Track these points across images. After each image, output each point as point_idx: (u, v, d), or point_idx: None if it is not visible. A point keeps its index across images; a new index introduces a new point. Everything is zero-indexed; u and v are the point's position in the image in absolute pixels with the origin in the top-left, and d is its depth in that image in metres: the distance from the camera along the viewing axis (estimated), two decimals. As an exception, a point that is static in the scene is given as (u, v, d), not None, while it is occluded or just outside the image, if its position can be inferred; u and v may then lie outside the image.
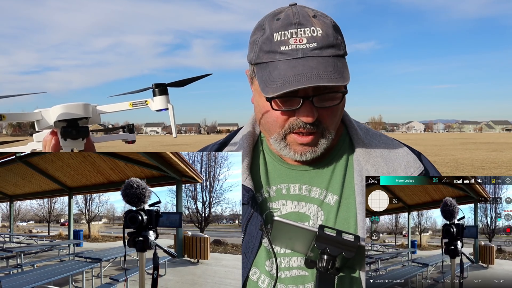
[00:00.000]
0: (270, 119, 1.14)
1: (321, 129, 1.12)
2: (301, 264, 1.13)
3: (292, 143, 1.14)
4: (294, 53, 1.05)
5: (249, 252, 1.13)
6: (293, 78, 1.02)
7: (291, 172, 1.22)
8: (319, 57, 1.05)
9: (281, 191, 1.21)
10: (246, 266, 1.12)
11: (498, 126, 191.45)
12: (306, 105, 1.07)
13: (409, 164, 1.19)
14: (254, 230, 1.13)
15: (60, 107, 1.10)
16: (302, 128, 1.10)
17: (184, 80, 1.15)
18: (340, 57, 1.09)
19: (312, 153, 1.14)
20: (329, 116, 1.12)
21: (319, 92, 1.07)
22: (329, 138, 1.14)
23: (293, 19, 1.08)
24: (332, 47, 1.07)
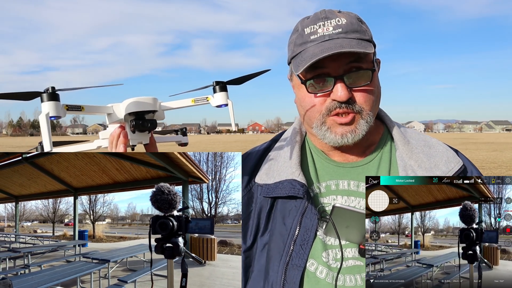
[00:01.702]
0: (309, 106, 1.20)
1: (357, 108, 1.16)
2: (355, 254, 1.17)
3: (332, 125, 1.18)
4: (321, 38, 1.15)
5: (305, 244, 1.17)
6: (320, 52, 1.11)
7: (338, 169, 1.27)
8: (345, 38, 1.14)
9: (330, 187, 1.25)
10: (303, 257, 1.16)
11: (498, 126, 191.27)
12: (338, 85, 1.14)
13: (449, 159, 1.23)
14: (309, 223, 1.17)
15: (131, 100, 1.15)
16: (339, 108, 1.16)
17: (241, 78, 1.22)
18: (366, 41, 1.17)
19: (352, 134, 1.18)
20: (363, 96, 1.17)
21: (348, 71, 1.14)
22: (367, 120, 1.18)
23: (320, 15, 1.19)
24: (356, 32, 1.16)
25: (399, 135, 1.30)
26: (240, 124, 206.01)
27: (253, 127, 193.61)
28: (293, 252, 1.17)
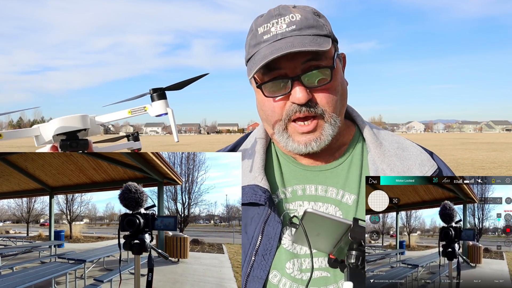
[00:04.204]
0: (268, 110, 1.12)
1: (319, 111, 1.08)
2: (322, 265, 1.11)
3: (294, 133, 1.11)
4: (274, 38, 1.08)
5: (267, 254, 1.10)
6: (270, 53, 1.03)
7: (306, 173, 1.19)
8: (298, 36, 1.06)
9: (297, 192, 1.18)
10: (265, 268, 1.09)
11: (498, 126, 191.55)
12: (296, 86, 1.06)
13: (423, 162, 1.18)
14: (272, 231, 1.10)
15: (57, 121, 1.10)
16: (299, 113, 1.07)
17: (181, 83, 1.16)
18: (323, 36, 1.09)
19: (317, 142, 1.10)
20: (325, 97, 1.09)
21: (306, 71, 1.07)
22: (332, 124, 1.11)
23: (273, 12, 1.11)
24: (312, 27, 1.08)
25: (371, 136, 1.22)
26: (240, 124, 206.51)
27: (253, 127, 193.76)
28: (254, 263, 1.09)
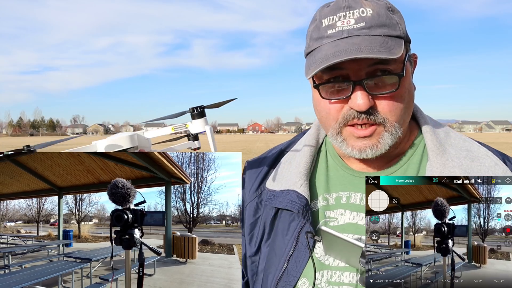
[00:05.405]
0: (323, 112, 1.04)
1: (380, 120, 0.98)
2: (353, 280, 1.03)
3: (349, 137, 1.02)
4: (339, 34, 0.97)
5: (299, 262, 1.07)
6: (332, 55, 0.93)
7: (353, 179, 1.11)
8: (367, 35, 0.95)
9: (341, 199, 1.10)
10: (295, 276, 1.07)
11: (498, 126, 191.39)
12: (357, 91, 0.96)
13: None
14: (305, 240, 1.05)
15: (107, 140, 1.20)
16: (356, 119, 0.98)
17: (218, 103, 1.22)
18: (395, 38, 0.98)
19: (373, 149, 1.00)
20: (388, 105, 0.98)
21: (372, 75, 0.96)
22: (393, 134, 1.00)
23: (342, 3, 0.99)
24: (383, 26, 0.97)
25: (432, 142, 1.09)
26: (240, 124, 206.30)
27: (253, 127, 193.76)
28: (286, 269, 1.08)
